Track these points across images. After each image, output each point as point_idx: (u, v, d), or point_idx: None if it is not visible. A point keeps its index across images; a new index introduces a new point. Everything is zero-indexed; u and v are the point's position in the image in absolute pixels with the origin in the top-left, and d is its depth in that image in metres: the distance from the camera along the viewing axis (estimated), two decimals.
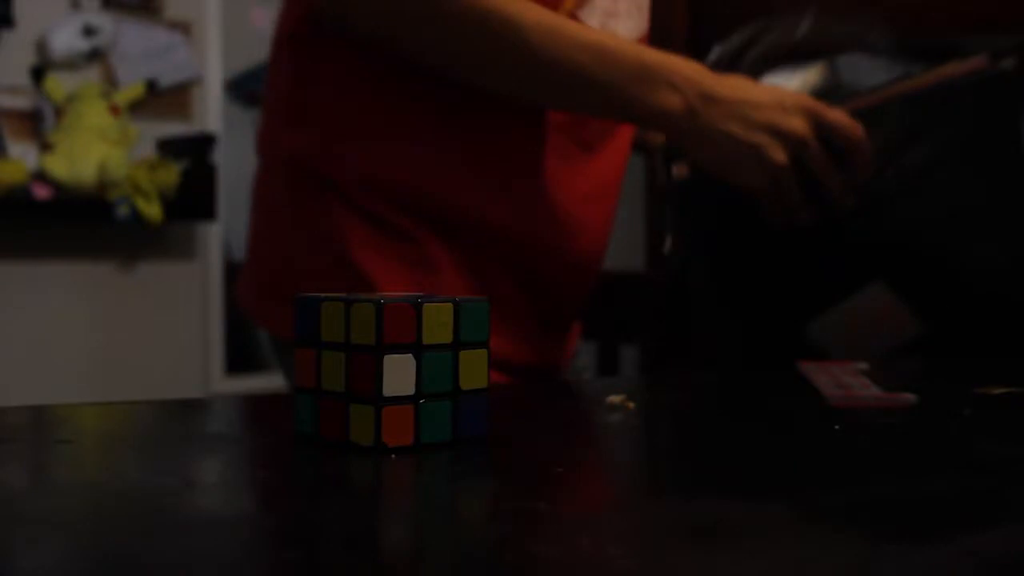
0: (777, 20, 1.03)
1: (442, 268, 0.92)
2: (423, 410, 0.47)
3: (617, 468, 0.46)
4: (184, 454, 0.49)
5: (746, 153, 0.87)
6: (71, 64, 3.01)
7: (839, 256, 0.95)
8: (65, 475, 0.45)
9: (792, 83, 0.97)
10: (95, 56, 3.05)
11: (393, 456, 0.46)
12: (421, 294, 0.50)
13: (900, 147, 0.92)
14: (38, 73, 2.94)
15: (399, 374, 0.47)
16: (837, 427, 0.61)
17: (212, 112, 3.33)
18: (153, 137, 3.14)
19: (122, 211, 2.84)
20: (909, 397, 0.66)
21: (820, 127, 0.89)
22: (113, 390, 2.89)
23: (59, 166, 2.84)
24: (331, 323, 0.48)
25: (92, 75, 3.06)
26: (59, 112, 2.96)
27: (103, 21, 3.04)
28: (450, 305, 0.48)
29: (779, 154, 0.87)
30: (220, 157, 3.14)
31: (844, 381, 0.72)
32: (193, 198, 3.05)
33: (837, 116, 0.90)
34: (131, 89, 3.07)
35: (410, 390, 0.47)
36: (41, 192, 2.80)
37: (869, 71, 0.97)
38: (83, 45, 3.01)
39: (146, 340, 3.23)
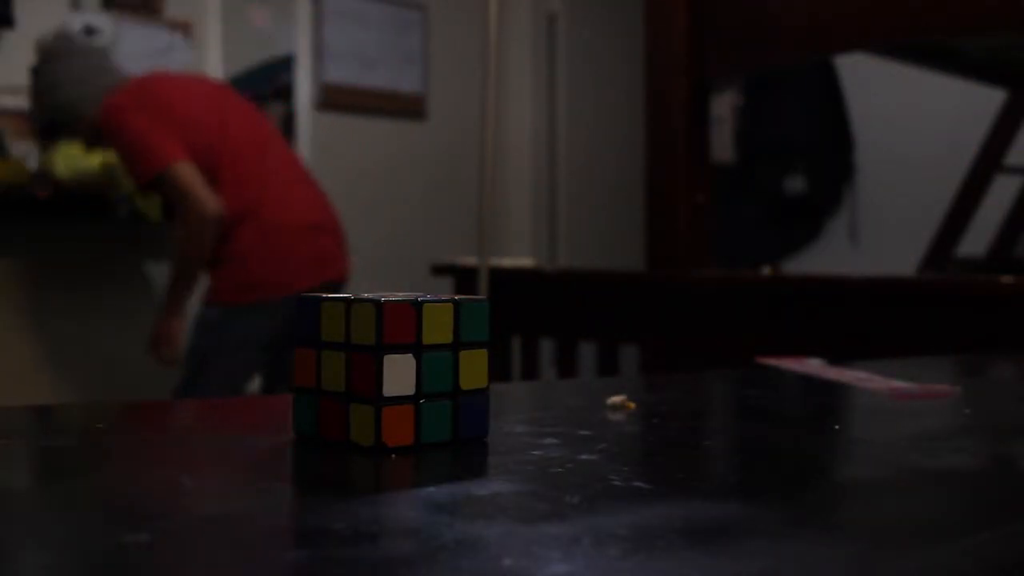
0: None
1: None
2: (423, 410, 0.47)
3: (617, 468, 0.46)
4: (184, 454, 0.49)
5: None
6: None
7: None
8: (65, 475, 0.45)
9: None
10: None
11: (393, 456, 0.46)
12: (421, 294, 0.50)
13: None
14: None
15: (399, 374, 0.47)
16: (837, 427, 0.61)
17: None
18: None
19: (122, 210, 2.84)
20: (950, 388, 0.68)
21: None
22: (113, 390, 2.89)
23: (60, 165, 2.84)
24: (331, 323, 0.48)
25: None
26: None
27: (103, 21, 3.04)
28: (450, 305, 0.48)
29: None
30: None
31: (863, 376, 0.73)
32: None
33: None
34: None
35: (410, 390, 0.47)
36: (42, 191, 2.80)
37: None
38: None
39: (146, 340, 3.24)
